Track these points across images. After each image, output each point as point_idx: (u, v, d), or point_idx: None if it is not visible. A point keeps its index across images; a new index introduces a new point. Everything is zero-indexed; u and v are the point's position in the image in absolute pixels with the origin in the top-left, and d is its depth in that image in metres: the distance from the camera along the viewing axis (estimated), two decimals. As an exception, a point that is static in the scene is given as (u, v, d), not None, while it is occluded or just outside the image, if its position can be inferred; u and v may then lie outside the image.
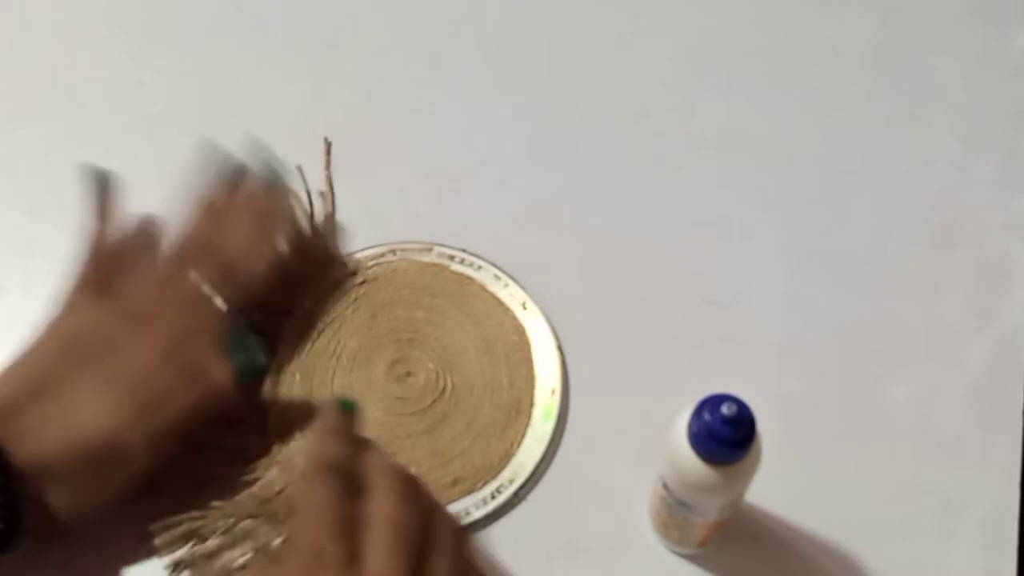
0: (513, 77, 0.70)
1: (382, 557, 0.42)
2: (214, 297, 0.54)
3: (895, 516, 0.55)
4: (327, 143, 0.67)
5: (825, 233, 0.64)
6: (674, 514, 0.49)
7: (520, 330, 0.60)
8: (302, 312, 0.61)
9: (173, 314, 0.52)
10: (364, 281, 0.62)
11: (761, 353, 0.60)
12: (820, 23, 0.72)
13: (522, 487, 0.56)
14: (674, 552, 0.54)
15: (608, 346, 0.60)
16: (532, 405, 0.58)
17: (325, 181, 0.66)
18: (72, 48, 0.72)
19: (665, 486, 0.48)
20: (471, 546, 0.46)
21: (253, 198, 0.58)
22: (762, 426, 0.44)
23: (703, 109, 0.68)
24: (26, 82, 0.71)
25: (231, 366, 0.53)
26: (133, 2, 0.74)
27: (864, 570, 0.53)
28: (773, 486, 0.50)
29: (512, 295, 0.61)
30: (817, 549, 0.54)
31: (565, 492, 0.56)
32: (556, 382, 0.58)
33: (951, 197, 0.65)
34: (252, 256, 0.56)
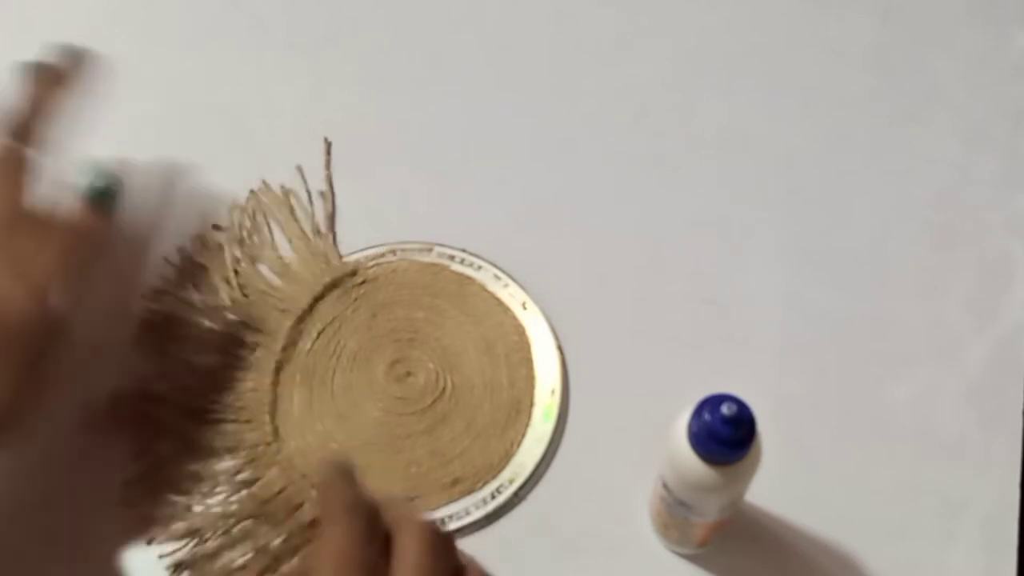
0: (513, 77, 0.70)
1: None
2: (26, 147, 0.52)
3: (895, 516, 0.55)
4: (327, 143, 0.67)
5: (825, 233, 0.64)
6: (674, 514, 0.49)
7: (520, 330, 0.60)
8: None
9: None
10: (364, 281, 0.62)
11: (761, 353, 0.60)
12: (820, 23, 0.72)
13: (522, 487, 0.56)
14: (674, 552, 0.54)
15: (608, 346, 0.60)
16: (532, 405, 0.58)
17: (325, 181, 0.66)
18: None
19: (665, 486, 0.48)
20: None
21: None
22: (762, 426, 0.44)
23: (703, 109, 0.68)
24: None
25: (82, 197, 0.52)
26: (133, 2, 0.74)
27: (864, 570, 0.53)
28: (773, 486, 0.50)
29: (512, 295, 0.61)
30: (817, 549, 0.54)
31: (565, 492, 0.56)
32: (556, 382, 0.58)
33: (951, 197, 0.65)
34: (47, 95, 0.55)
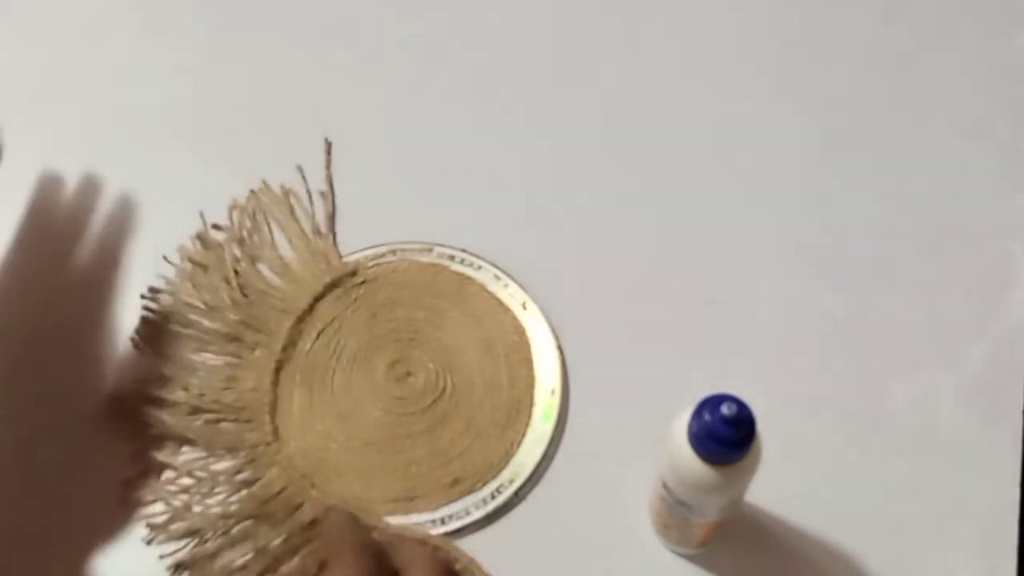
0: (513, 77, 0.70)
1: None
2: None
3: (895, 516, 0.55)
4: (327, 143, 0.67)
5: (825, 233, 0.63)
6: (674, 514, 0.49)
7: (520, 330, 0.60)
8: None
9: None
10: (364, 281, 0.62)
11: (761, 353, 0.60)
12: (820, 23, 0.72)
13: (522, 487, 0.56)
14: (674, 552, 0.54)
15: (608, 346, 0.60)
16: (532, 405, 0.58)
17: (325, 181, 0.66)
18: (72, 48, 0.72)
19: (665, 486, 0.48)
20: None
21: None
22: (762, 426, 0.44)
23: (703, 109, 0.68)
24: (25, 81, 0.71)
25: None
26: (133, 2, 0.74)
27: (864, 570, 0.53)
28: (773, 486, 0.50)
29: (512, 295, 0.61)
30: (817, 549, 0.54)
31: (565, 492, 0.56)
32: (556, 382, 0.58)
33: (951, 197, 0.65)
34: None
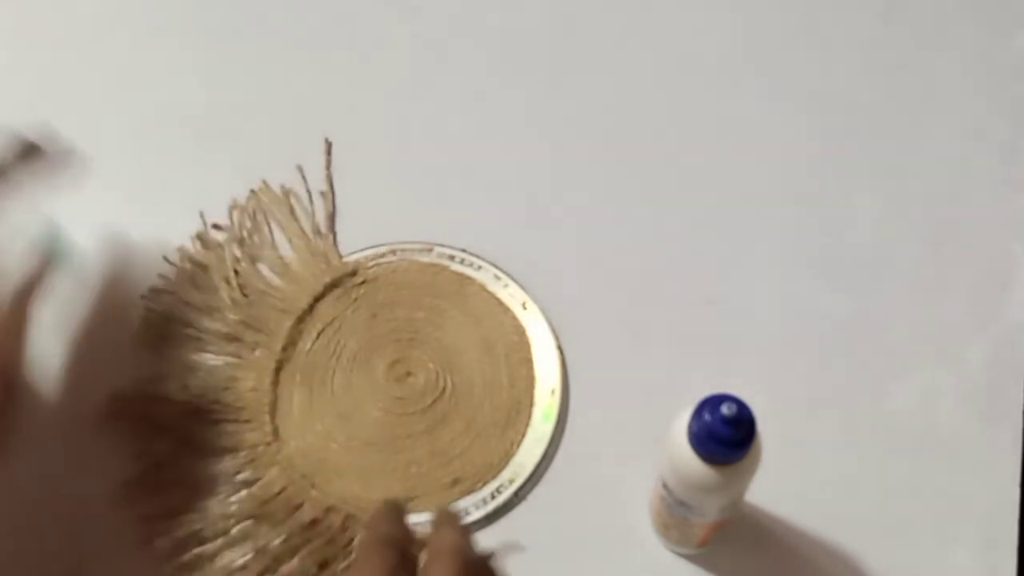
0: (513, 78, 0.70)
1: None
2: None
3: (895, 516, 0.55)
4: (327, 143, 0.67)
5: (825, 233, 0.63)
6: (674, 514, 0.49)
7: (520, 330, 0.60)
8: None
9: None
10: (364, 281, 0.62)
11: (761, 353, 0.60)
12: (820, 23, 0.72)
13: (522, 487, 0.56)
14: (674, 552, 0.54)
15: (608, 346, 0.60)
16: (532, 405, 0.58)
17: (325, 181, 0.66)
18: (72, 48, 0.72)
19: (665, 486, 0.48)
20: None
21: None
22: (762, 426, 0.44)
23: (703, 109, 0.68)
24: (25, 82, 0.71)
25: (36, 253, 0.51)
26: (134, 2, 0.74)
27: (864, 570, 0.53)
28: (773, 486, 0.50)
29: (512, 295, 0.61)
30: (817, 549, 0.54)
31: (565, 492, 0.56)
32: (556, 382, 0.58)
33: (951, 197, 0.65)
34: None
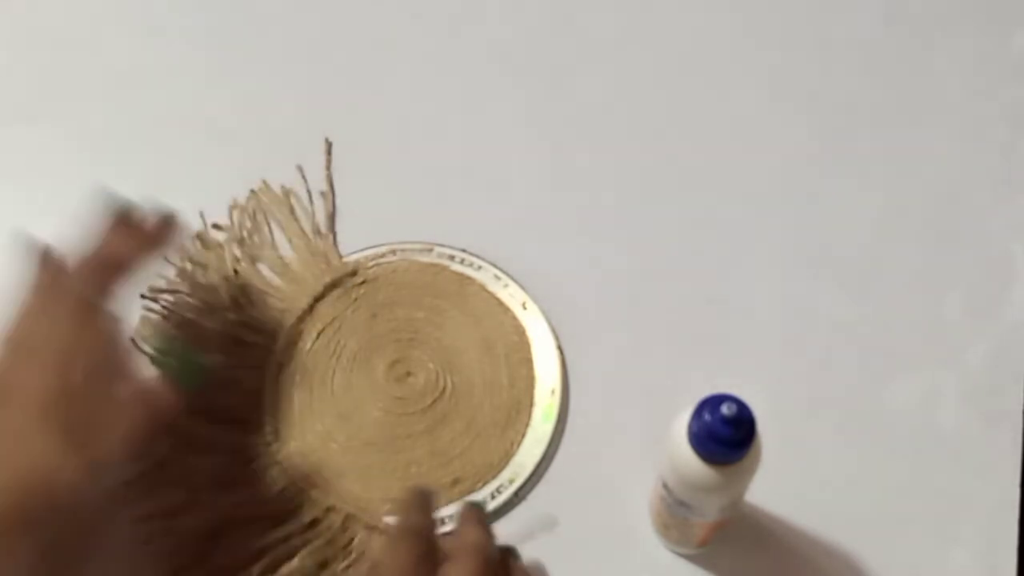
0: (513, 78, 0.70)
1: None
2: (103, 302, 0.47)
3: (895, 516, 0.55)
4: (327, 143, 0.67)
5: (825, 233, 0.63)
6: (674, 514, 0.49)
7: (520, 330, 0.60)
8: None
9: (59, 329, 0.46)
10: (364, 281, 0.62)
11: (761, 353, 0.60)
12: (820, 23, 0.72)
13: (522, 487, 0.56)
14: (674, 552, 0.54)
15: (608, 346, 0.60)
16: (532, 405, 0.58)
17: (325, 181, 0.66)
18: (72, 48, 0.72)
19: (665, 486, 0.48)
20: None
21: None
22: (762, 426, 0.44)
23: (703, 109, 0.68)
24: (25, 82, 0.71)
25: (168, 375, 0.46)
26: (133, 2, 0.74)
27: (864, 570, 0.53)
28: (773, 486, 0.50)
29: (512, 295, 0.61)
30: (817, 549, 0.54)
31: (565, 492, 0.56)
32: (556, 382, 0.58)
33: (951, 197, 0.65)
34: (130, 251, 0.50)
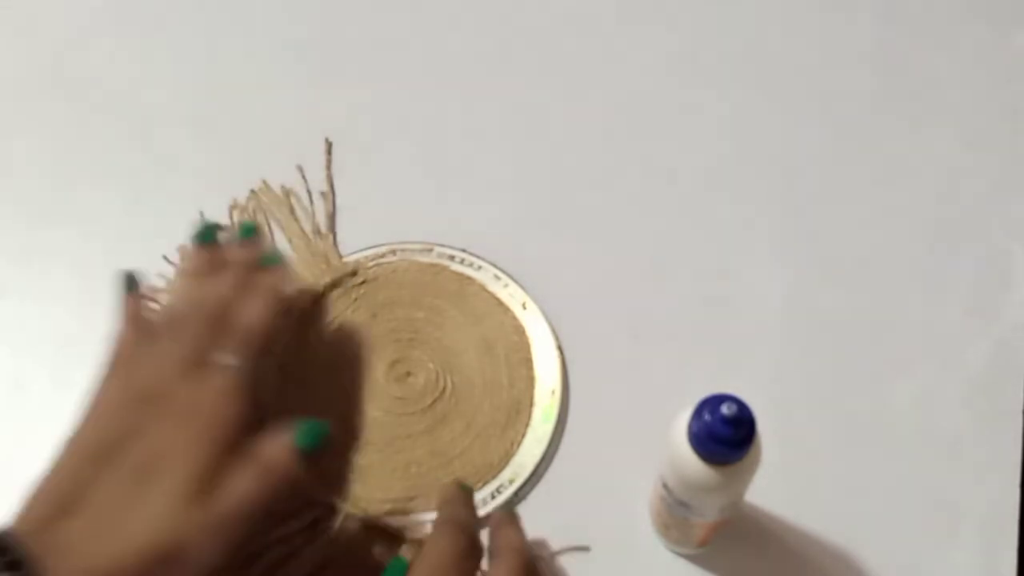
0: (514, 77, 0.70)
1: None
2: (231, 360, 0.46)
3: (895, 516, 0.55)
4: (327, 143, 0.67)
5: (825, 233, 0.63)
6: (674, 514, 0.49)
7: (520, 330, 0.60)
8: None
9: (187, 386, 0.45)
10: (364, 281, 0.62)
11: (761, 353, 0.60)
12: (820, 23, 0.72)
13: (522, 487, 0.56)
14: (674, 552, 0.54)
15: (608, 346, 0.60)
16: (532, 405, 0.58)
17: (325, 181, 0.66)
18: (72, 48, 0.72)
19: (665, 486, 0.48)
20: None
21: (240, 254, 0.52)
22: (762, 426, 0.44)
23: (703, 110, 0.68)
24: (25, 83, 0.71)
25: (289, 435, 0.44)
26: (133, 2, 0.74)
27: (864, 570, 0.53)
28: (773, 486, 0.50)
29: (512, 295, 0.61)
30: (817, 549, 0.54)
31: (565, 492, 0.56)
32: (556, 382, 0.58)
33: (951, 197, 0.65)
34: (258, 308, 0.49)
